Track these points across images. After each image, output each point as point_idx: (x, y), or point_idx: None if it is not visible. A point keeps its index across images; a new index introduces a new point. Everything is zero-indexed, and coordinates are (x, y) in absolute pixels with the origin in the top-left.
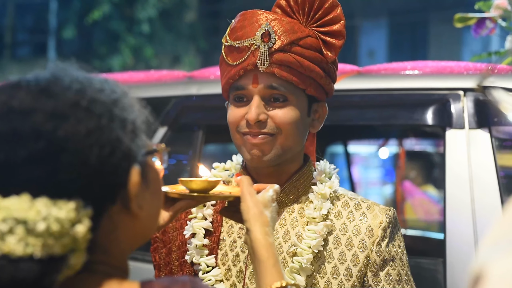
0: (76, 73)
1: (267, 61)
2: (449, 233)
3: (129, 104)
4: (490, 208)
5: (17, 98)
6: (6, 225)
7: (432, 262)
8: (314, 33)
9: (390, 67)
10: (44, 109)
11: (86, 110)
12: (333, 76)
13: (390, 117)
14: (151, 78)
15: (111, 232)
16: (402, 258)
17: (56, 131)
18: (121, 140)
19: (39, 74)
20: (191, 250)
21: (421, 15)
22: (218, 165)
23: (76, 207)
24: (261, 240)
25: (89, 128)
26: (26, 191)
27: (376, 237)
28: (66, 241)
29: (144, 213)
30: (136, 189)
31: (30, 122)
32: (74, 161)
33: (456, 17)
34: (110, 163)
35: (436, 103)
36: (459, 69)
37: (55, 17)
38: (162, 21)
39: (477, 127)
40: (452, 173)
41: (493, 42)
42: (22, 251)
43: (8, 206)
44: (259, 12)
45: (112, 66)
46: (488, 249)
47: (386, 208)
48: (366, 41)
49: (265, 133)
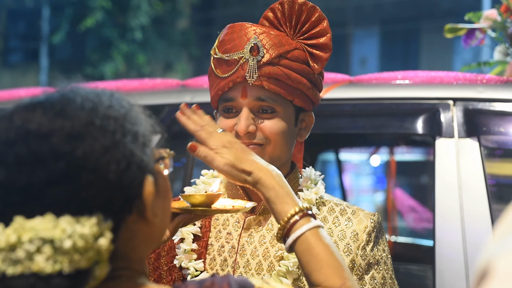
0: (84, 91)
1: (256, 74)
2: (438, 240)
3: (137, 116)
4: (478, 215)
5: (34, 122)
6: (33, 245)
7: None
8: (301, 46)
9: (381, 76)
10: (61, 130)
11: (100, 128)
12: (319, 86)
13: (381, 126)
14: (145, 86)
15: (130, 240)
16: (387, 262)
17: (75, 151)
18: (134, 153)
19: (50, 95)
20: (180, 255)
21: (413, 24)
22: (207, 172)
23: (98, 222)
24: (268, 177)
25: (105, 146)
26: (49, 211)
27: (361, 242)
28: (90, 254)
29: (158, 219)
30: (151, 198)
31: (48, 145)
32: (93, 179)
33: (446, 28)
34: (127, 176)
35: (426, 113)
36: (448, 79)
37: (48, 24)
38: (154, 28)
39: (466, 136)
40: (442, 181)
41: (484, 51)
42: (51, 269)
43: (34, 227)
44: (247, 25)
45: (104, 73)
46: (495, 244)
47: (370, 213)
48: (358, 49)
49: (254, 144)
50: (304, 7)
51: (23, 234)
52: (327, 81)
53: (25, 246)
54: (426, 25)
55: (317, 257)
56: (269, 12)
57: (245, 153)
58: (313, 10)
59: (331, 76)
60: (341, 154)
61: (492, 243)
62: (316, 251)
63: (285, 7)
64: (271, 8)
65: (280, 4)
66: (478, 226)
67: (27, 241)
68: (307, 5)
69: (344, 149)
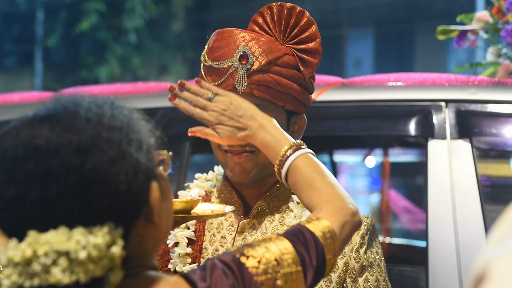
0: (85, 101)
1: (245, 83)
2: (431, 241)
3: (139, 123)
4: (471, 216)
5: (42, 137)
6: (49, 258)
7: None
8: (291, 50)
9: (373, 78)
10: (70, 145)
11: (106, 140)
12: (310, 89)
13: (374, 128)
14: (139, 89)
15: (139, 244)
16: (380, 265)
17: (84, 164)
18: (140, 161)
19: (52, 109)
20: (174, 259)
21: (407, 25)
22: (200, 176)
23: (109, 230)
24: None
25: (112, 157)
26: (62, 224)
27: (355, 244)
28: (104, 262)
29: (164, 221)
30: (157, 203)
31: (58, 160)
32: (104, 190)
33: (439, 30)
34: (135, 185)
35: (418, 114)
36: (440, 80)
37: (42, 27)
38: (149, 31)
39: (458, 138)
40: (434, 182)
41: (478, 52)
42: (68, 280)
43: (48, 240)
44: (236, 31)
45: (99, 76)
46: (492, 248)
47: (364, 216)
48: (352, 51)
49: (247, 151)
50: (293, 12)
51: (38, 248)
52: (319, 84)
53: (41, 260)
54: (420, 26)
55: (304, 178)
56: (258, 16)
57: (239, 113)
58: (302, 14)
59: (324, 79)
60: (336, 156)
61: (489, 247)
62: (303, 172)
63: (274, 11)
64: (259, 12)
65: (268, 8)
66: (471, 227)
67: (42, 255)
68: (296, 9)
69: (338, 151)
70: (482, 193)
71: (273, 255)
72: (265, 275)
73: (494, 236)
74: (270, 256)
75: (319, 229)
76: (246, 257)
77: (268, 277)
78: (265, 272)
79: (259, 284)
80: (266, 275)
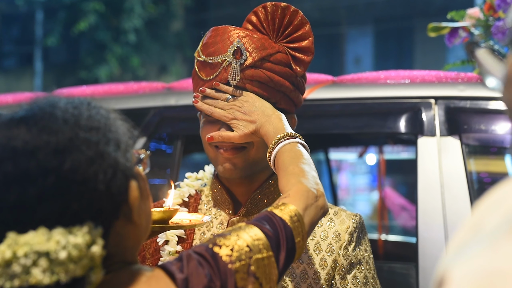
0: (62, 102)
1: (238, 77)
2: (421, 238)
3: (116, 123)
4: (460, 212)
5: (19, 139)
6: (29, 259)
7: (405, 267)
8: (284, 49)
9: (363, 76)
10: (47, 146)
11: (84, 140)
12: (302, 89)
13: (364, 126)
14: (131, 89)
15: (119, 243)
16: (369, 262)
17: (62, 165)
18: (118, 160)
19: (29, 110)
20: (165, 257)
21: (406, 22)
22: (191, 175)
23: (89, 230)
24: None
25: (90, 157)
26: (42, 225)
27: (343, 242)
28: (85, 262)
29: (143, 220)
30: (137, 202)
31: (36, 161)
32: (83, 190)
33: (430, 27)
34: (114, 184)
35: (408, 112)
36: (430, 78)
37: (41, 28)
38: (148, 31)
39: (448, 134)
40: (424, 179)
41: None
42: (49, 280)
43: (28, 241)
44: (231, 28)
45: (99, 76)
46: (451, 255)
47: (352, 214)
48: (352, 48)
49: (237, 147)
50: (286, 11)
51: (18, 249)
52: (310, 82)
53: (21, 261)
54: (419, 23)
55: (283, 163)
56: (252, 15)
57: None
58: (296, 13)
59: (314, 77)
60: (334, 153)
61: (448, 255)
62: (283, 157)
63: (268, 10)
64: (254, 11)
65: (263, 8)
66: (460, 223)
67: (22, 256)
68: (290, 8)
69: (333, 149)
70: (471, 190)
71: (245, 242)
72: (239, 262)
73: (452, 246)
74: (242, 243)
75: (286, 213)
76: (219, 247)
77: (242, 264)
78: (239, 259)
79: (234, 271)
80: (240, 262)
